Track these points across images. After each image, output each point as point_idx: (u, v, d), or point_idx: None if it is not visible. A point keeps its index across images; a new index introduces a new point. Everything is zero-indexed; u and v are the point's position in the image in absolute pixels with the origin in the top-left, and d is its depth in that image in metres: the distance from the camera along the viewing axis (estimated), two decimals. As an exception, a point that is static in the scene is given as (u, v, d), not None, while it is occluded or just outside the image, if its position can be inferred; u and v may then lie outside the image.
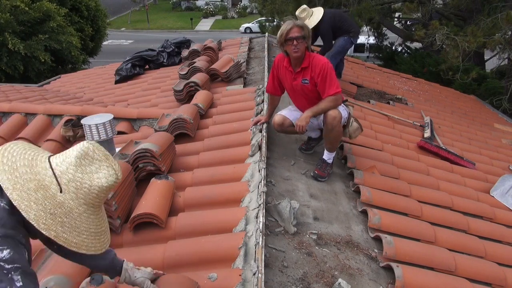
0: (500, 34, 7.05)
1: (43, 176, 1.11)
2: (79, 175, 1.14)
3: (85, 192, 1.14)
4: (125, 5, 38.15)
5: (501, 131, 5.93)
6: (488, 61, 10.63)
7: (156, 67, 6.66)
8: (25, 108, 4.11)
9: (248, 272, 1.75)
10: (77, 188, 1.13)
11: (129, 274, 1.49)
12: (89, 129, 2.70)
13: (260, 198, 2.17)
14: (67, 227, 1.11)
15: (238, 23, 33.00)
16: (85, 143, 1.17)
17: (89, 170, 1.15)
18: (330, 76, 2.65)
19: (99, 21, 13.95)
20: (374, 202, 2.65)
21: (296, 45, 2.60)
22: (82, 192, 1.14)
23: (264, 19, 17.34)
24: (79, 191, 1.13)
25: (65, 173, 1.13)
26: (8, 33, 9.61)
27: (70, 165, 1.13)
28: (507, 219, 3.15)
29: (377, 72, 7.31)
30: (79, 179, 1.13)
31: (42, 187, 1.09)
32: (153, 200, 2.21)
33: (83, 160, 1.15)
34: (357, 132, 2.99)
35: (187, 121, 3.25)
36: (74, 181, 1.13)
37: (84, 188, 1.14)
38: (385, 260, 2.18)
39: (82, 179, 1.14)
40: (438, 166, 3.73)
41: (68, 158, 1.14)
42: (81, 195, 1.14)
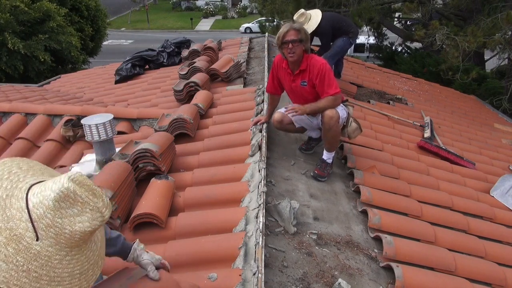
0: (500, 34, 7.05)
1: (17, 222, 0.94)
2: (58, 220, 0.97)
3: (66, 238, 0.98)
4: (125, 5, 38.15)
5: (501, 131, 5.93)
6: (488, 61, 10.63)
7: (156, 67, 6.66)
8: (25, 108, 4.11)
9: (248, 272, 1.75)
10: (57, 233, 0.97)
11: (137, 254, 1.48)
12: (89, 129, 2.70)
13: (260, 198, 2.17)
14: (45, 280, 0.96)
15: (238, 23, 33.01)
16: (66, 181, 0.98)
17: (70, 213, 0.98)
18: (328, 77, 2.66)
19: (99, 21, 13.95)
20: (374, 202, 2.65)
21: (291, 48, 2.61)
22: (63, 238, 0.98)
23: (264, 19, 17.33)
24: (59, 236, 0.97)
25: (42, 217, 0.95)
26: (8, 33, 9.61)
27: (47, 209, 0.95)
28: (507, 219, 3.15)
29: (377, 72, 7.31)
30: (59, 224, 0.97)
31: (14, 238, 0.93)
32: (153, 200, 2.21)
33: (62, 203, 0.97)
34: (356, 133, 2.99)
35: (187, 121, 3.25)
36: (54, 226, 0.96)
37: (65, 234, 0.98)
38: (385, 260, 2.18)
39: (62, 224, 0.97)
40: (438, 166, 3.73)
41: (46, 200, 0.96)
42: (62, 240, 0.98)
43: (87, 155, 3.21)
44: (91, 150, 3.19)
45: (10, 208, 0.96)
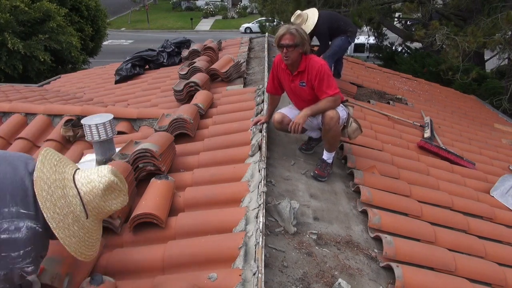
0: (500, 34, 7.05)
1: (75, 207, 1.31)
2: (102, 203, 1.37)
3: (102, 215, 1.40)
4: (125, 5, 38.15)
5: (501, 131, 5.92)
6: (488, 61, 10.63)
7: (156, 67, 6.66)
8: (25, 108, 4.11)
9: (248, 272, 1.75)
10: (98, 213, 1.38)
11: None
12: (89, 129, 2.70)
13: (260, 198, 2.17)
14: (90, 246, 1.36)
15: (238, 23, 33.01)
16: (110, 175, 1.39)
17: (110, 198, 1.40)
18: (327, 78, 2.65)
19: (99, 21, 13.94)
20: (374, 202, 2.65)
21: (286, 52, 2.61)
22: (101, 215, 1.39)
23: (264, 19, 17.33)
24: (99, 215, 1.38)
25: (91, 202, 1.35)
26: (8, 33, 9.61)
27: (96, 196, 1.36)
28: (507, 219, 3.15)
29: (377, 72, 7.31)
30: (102, 206, 1.38)
31: (76, 218, 1.30)
32: (153, 200, 2.21)
33: (107, 191, 1.38)
34: (356, 133, 2.99)
35: (187, 121, 3.25)
36: (98, 208, 1.37)
37: (103, 212, 1.40)
38: (385, 260, 2.17)
39: (104, 206, 1.38)
40: (438, 166, 3.73)
41: (95, 189, 1.35)
42: (100, 216, 1.39)
43: (87, 155, 3.21)
44: (91, 150, 3.19)
45: (68, 195, 1.31)
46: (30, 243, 1.20)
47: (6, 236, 1.15)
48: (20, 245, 1.17)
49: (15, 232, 1.16)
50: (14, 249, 1.16)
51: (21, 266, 1.18)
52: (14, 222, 1.17)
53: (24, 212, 1.20)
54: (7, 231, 1.15)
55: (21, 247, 1.17)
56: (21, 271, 1.19)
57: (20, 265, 1.18)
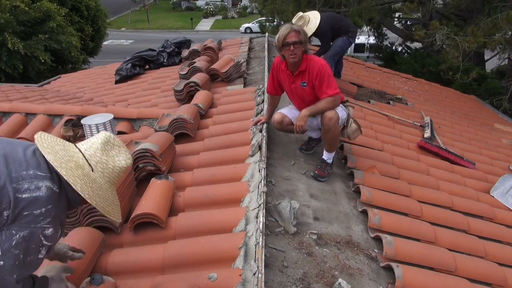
0: (500, 34, 7.04)
1: (77, 158, 1.36)
2: (104, 157, 1.40)
3: (109, 172, 1.41)
4: (125, 5, 38.14)
5: (501, 131, 5.92)
6: (488, 61, 10.63)
7: (156, 67, 6.66)
8: (25, 108, 4.11)
9: (248, 272, 1.75)
10: (103, 168, 1.40)
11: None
12: (89, 129, 2.70)
13: (260, 198, 2.17)
14: (102, 198, 1.37)
15: (238, 23, 33.00)
16: (106, 133, 1.46)
17: (112, 154, 1.43)
18: (328, 78, 2.66)
19: (99, 21, 13.95)
20: (374, 202, 2.65)
21: (293, 50, 2.61)
22: (107, 172, 1.41)
23: (264, 19, 17.31)
24: (105, 170, 1.40)
25: (93, 156, 1.39)
26: (8, 33, 9.61)
27: (97, 150, 1.40)
28: (507, 219, 3.15)
29: (377, 72, 7.31)
30: (105, 161, 1.40)
31: (79, 166, 1.34)
32: (153, 200, 2.21)
33: (106, 145, 1.42)
34: (356, 134, 2.99)
35: (187, 121, 3.25)
36: (101, 162, 1.39)
37: (108, 168, 1.41)
38: (385, 260, 2.17)
39: (107, 161, 1.41)
40: (438, 166, 3.73)
41: (94, 145, 1.41)
42: (106, 173, 1.41)
43: (87, 155, 3.21)
44: (91, 150, 3.18)
45: (69, 150, 1.37)
46: (50, 202, 1.27)
47: (28, 195, 1.22)
48: (41, 203, 1.24)
49: (36, 191, 1.24)
50: (36, 207, 1.23)
51: (41, 225, 1.24)
52: (34, 182, 1.25)
53: (41, 174, 1.28)
54: (28, 191, 1.23)
55: (43, 204, 1.24)
56: (41, 233, 1.24)
57: (41, 224, 1.23)
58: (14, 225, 1.20)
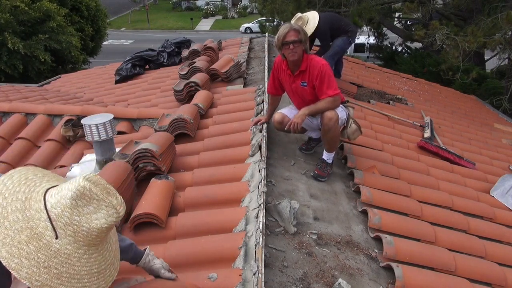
0: (500, 34, 7.05)
1: (37, 222, 0.99)
2: (75, 217, 1.02)
3: (83, 235, 1.03)
4: (125, 5, 38.14)
5: (501, 131, 5.92)
6: (488, 61, 10.63)
7: (156, 67, 6.66)
8: (25, 108, 4.11)
9: (248, 272, 1.75)
10: (75, 231, 1.02)
11: (149, 259, 1.53)
12: (89, 129, 2.70)
13: (260, 198, 2.17)
14: (65, 277, 1.00)
15: (238, 23, 33.00)
16: (81, 180, 1.03)
17: (87, 211, 1.03)
18: (328, 78, 2.66)
19: (99, 21, 13.96)
20: (374, 202, 2.65)
21: (292, 49, 2.61)
22: (81, 235, 1.03)
23: (264, 19, 17.31)
24: (78, 234, 1.02)
25: (60, 216, 1.00)
26: (8, 33, 9.61)
27: (65, 208, 1.01)
28: (507, 219, 3.15)
29: (377, 72, 7.31)
30: (76, 222, 1.02)
31: (35, 236, 0.98)
32: (153, 200, 2.21)
33: (79, 201, 1.02)
34: (356, 134, 2.98)
35: (187, 121, 3.25)
36: (71, 224, 1.01)
37: (82, 232, 1.03)
38: (385, 260, 2.17)
39: (80, 221, 1.02)
40: (438, 166, 3.73)
41: (63, 200, 1.02)
42: (80, 238, 1.03)
43: (87, 155, 3.21)
44: (91, 150, 3.19)
45: (30, 209, 1.00)
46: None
47: None
48: None
49: None
50: None
51: None
52: None
53: None
54: None
55: None
56: None
57: None
58: None
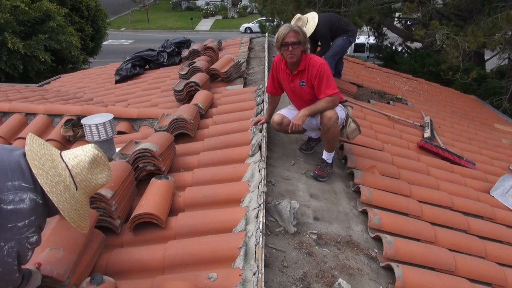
0: (500, 34, 7.05)
1: (65, 178, 1.41)
2: (89, 176, 1.48)
3: (90, 189, 1.50)
4: (125, 5, 38.14)
5: (501, 131, 5.92)
6: (488, 61, 10.63)
7: (156, 67, 6.66)
8: (25, 108, 4.11)
9: (248, 272, 1.75)
10: (86, 186, 1.48)
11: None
12: (89, 129, 2.70)
13: (260, 198, 2.17)
14: (82, 215, 1.46)
15: (238, 23, 33.00)
16: (94, 149, 1.52)
17: (96, 172, 1.51)
18: (327, 77, 2.66)
19: (99, 21, 13.96)
20: (374, 202, 2.65)
21: (291, 50, 2.61)
22: (89, 189, 1.49)
23: (264, 19, 17.29)
24: (87, 188, 1.48)
25: (79, 174, 1.46)
26: (8, 33, 9.61)
27: (84, 169, 1.47)
28: (508, 219, 3.15)
29: (377, 72, 7.31)
30: (89, 179, 1.48)
31: (67, 187, 1.40)
32: (153, 200, 2.21)
33: (92, 164, 1.50)
34: (355, 134, 2.98)
35: (187, 121, 3.25)
36: (85, 181, 1.47)
37: (91, 186, 1.49)
38: (385, 260, 2.17)
39: (91, 179, 1.49)
40: (438, 166, 3.73)
41: (82, 163, 1.47)
42: (88, 190, 1.49)
43: (87, 155, 3.21)
44: (91, 150, 3.18)
45: (57, 168, 1.41)
46: (34, 213, 1.30)
47: (12, 207, 1.26)
48: (25, 214, 1.28)
49: (20, 203, 1.27)
50: (20, 219, 1.27)
51: (26, 235, 1.29)
52: (18, 194, 1.28)
53: (26, 186, 1.31)
54: (12, 202, 1.26)
55: (26, 216, 1.28)
56: (27, 241, 1.30)
57: (25, 234, 1.29)
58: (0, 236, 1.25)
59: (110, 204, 2.08)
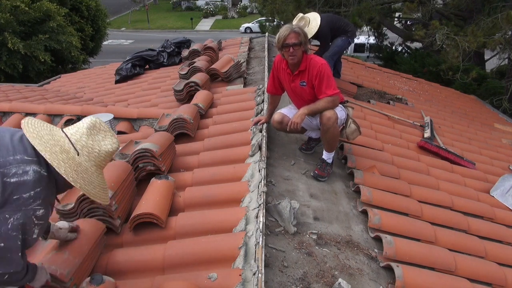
0: (500, 34, 7.05)
1: (63, 143, 1.40)
2: (90, 142, 1.45)
3: (95, 156, 1.46)
4: (125, 5, 38.14)
5: (501, 131, 5.92)
6: (488, 61, 10.63)
7: (156, 67, 6.67)
8: (25, 108, 4.12)
9: (248, 272, 1.75)
10: (89, 152, 1.44)
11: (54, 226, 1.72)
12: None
13: (260, 198, 2.17)
14: (87, 181, 1.42)
15: (238, 23, 33.00)
16: (92, 117, 1.50)
17: (97, 139, 1.47)
18: (327, 78, 2.66)
19: (99, 21, 13.96)
20: (374, 202, 2.65)
21: (292, 52, 2.61)
22: (93, 156, 1.45)
23: (264, 19, 17.30)
24: (91, 154, 1.45)
25: (79, 140, 1.43)
26: (8, 33, 9.61)
27: (82, 135, 1.44)
28: (507, 219, 3.15)
29: (377, 72, 7.31)
30: (90, 145, 1.45)
31: (65, 150, 1.38)
32: (153, 200, 2.21)
33: (92, 130, 1.46)
34: (355, 134, 2.98)
35: (187, 121, 3.25)
36: (87, 147, 1.44)
37: (94, 152, 1.45)
38: (385, 260, 2.17)
39: (93, 145, 1.45)
40: (438, 166, 3.73)
41: (80, 129, 1.46)
42: (92, 157, 1.45)
43: (87, 155, 3.21)
44: (91, 150, 3.18)
45: (55, 135, 1.41)
46: (38, 185, 1.31)
47: (16, 179, 1.27)
48: (29, 186, 1.29)
49: (23, 175, 1.29)
50: (24, 190, 1.28)
51: (32, 207, 1.29)
52: (21, 167, 1.30)
53: (28, 159, 1.32)
54: (16, 175, 1.28)
55: (31, 188, 1.29)
56: (33, 214, 1.30)
57: (31, 206, 1.29)
58: (5, 209, 1.25)
59: (110, 204, 2.08)
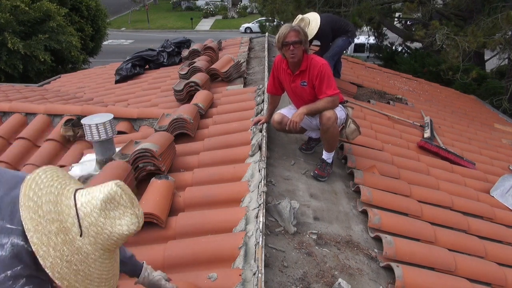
0: (500, 34, 7.05)
1: (66, 217, 1.05)
2: (101, 219, 1.08)
3: (104, 238, 1.08)
4: (125, 5, 38.15)
5: (501, 131, 5.93)
6: (488, 61, 10.63)
7: (156, 67, 6.66)
8: (25, 108, 4.11)
9: (248, 272, 1.75)
10: (97, 233, 1.07)
11: (148, 273, 1.52)
12: (89, 129, 2.70)
13: (260, 198, 2.17)
14: (81, 275, 1.05)
15: (238, 23, 33.01)
16: (114, 186, 1.11)
17: (113, 216, 1.09)
18: (328, 78, 2.66)
19: (99, 21, 13.96)
20: (374, 202, 2.65)
21: (292, 50, 2.61)
22: (101, 238, 1.08)
23: (264, 19, 17.29)
24: (99, 236, 1.07)
25: (88, 215, 1.06)
26: (8, 32, 9.62)
27: (95, 208, 1.07)
28: (507, 219, 3.15)
29: (377, 72, 7.31)
30: (101, 223, 1.08)
31: (63, 229, 1.03)
32: (153, 200, 2.21)
33: (108, 204, 1.09)
34: (355, 134, 2.98)
35: (187, 121, 3.25)
36: (96, 225, 1.07)
37: (104, 234, 1.08)
38: (385, 260, 2.18)
39: (104, 224, 1.08)
40: (438, 166, 3.73)
41: (94, 200, 1.08)
42: (99, 240, 1.08)
43: (87, 155, 3.21)
44: (91, 150, 3.19)
45: (61, 204, 1.05)
46: (18, 263, 1.01)
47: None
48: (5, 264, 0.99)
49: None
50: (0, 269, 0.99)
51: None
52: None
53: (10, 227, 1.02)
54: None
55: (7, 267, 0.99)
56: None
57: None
58: None
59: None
